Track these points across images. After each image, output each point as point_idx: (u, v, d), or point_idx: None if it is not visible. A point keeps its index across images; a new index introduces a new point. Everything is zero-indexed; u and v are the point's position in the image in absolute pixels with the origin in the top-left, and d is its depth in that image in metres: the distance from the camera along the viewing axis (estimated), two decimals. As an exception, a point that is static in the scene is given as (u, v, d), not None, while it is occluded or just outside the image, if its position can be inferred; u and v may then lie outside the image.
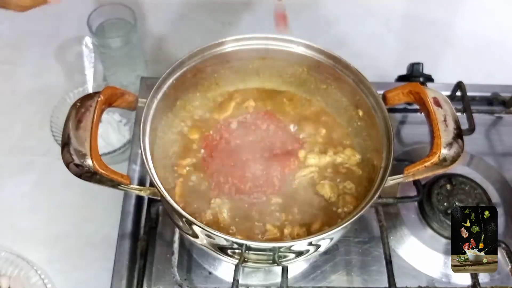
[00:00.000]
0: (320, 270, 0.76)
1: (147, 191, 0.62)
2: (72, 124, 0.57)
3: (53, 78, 1.06)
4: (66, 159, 0.55)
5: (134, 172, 0.83)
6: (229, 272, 0.71)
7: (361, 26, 1.20)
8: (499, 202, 0.84)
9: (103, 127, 0.93)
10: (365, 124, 0.71)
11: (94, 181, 0.56)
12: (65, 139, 0.56)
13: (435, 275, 0.76)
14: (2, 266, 0.79)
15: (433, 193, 0.79)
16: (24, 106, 1.02)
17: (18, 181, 0.92)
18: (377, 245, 0.78)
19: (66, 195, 0.89)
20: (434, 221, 0.78)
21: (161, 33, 1.15)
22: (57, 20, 1.16)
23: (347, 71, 0.70)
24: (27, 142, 0.97)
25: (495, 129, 0.95)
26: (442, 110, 0.61)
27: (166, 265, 0.75)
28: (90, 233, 0.85)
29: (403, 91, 0.66)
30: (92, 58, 0.98)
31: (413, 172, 0.60)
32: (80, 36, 1.03)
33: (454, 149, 0.58)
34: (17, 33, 1.14)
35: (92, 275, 0.80)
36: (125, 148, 0.91)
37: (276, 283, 0.73)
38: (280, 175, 0.70)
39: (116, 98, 0.62)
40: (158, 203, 0.78)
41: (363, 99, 0.69)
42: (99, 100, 0.59)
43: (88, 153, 0.55)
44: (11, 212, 0.88)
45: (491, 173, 0.87)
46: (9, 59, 1.09)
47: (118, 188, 0.59)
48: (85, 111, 0.57)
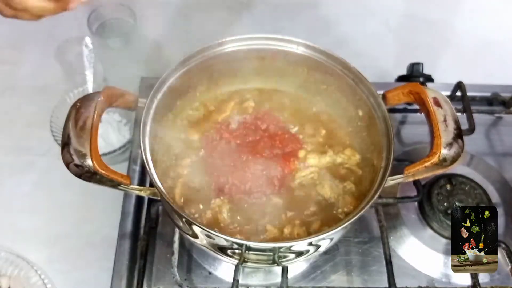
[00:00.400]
0: (320, 270, 0.76)
1: (147, 191, 0.62)
2: (72, 124, 0.57)
3: (53, 78, 1.06)
4: (66, 159, 0.55)
5: (134, 172, 0.83)
6: (229, 272, 0.71)
7: (361, 26, 1.19)
8: (499, 202, 0.84)
9: (103, 127, 0.93)
10: (365, 124, 0.71)
11: (94, 181, 0.56)
12: (65, 139, 0.56)
13: (435, 275, 0.76)
14: (2, 266, 0.79)
15: (433, 193, 0.79)
16: (24, 106, 1.02)
17: (18, 181, 0.92)
18: (377, 245, 0.78)
19: (66, 195, 0.89)
20: (434, 221, 0.78)
21: (161, 33, 1.15)
22: (57, 20, 1.15)
23: (347, 71, 0.71)
24: (27, 142, 0.97)
25: (495, 129, 0.95)
26: (442, 110, 0.61)
27: (166, 265, 0.75)
28: (90, 233, 0.85)
29: (403, 91, 0.66)
30: (92, 58, 0.98)
31: (413, 172, 0.60)
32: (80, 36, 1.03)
33: (454, 149, 0.58)
34: (17, 33, 1.14)
35: (92, 275, 0.80)
36: (125, 148, 0.91)
37: (276, 283, 0.73)
38: (280, 175, 0.70)
39: (116, 98, 0.62)
40: (158, 203, 0.78)
41: (363, 99, 0.70)
42: (99, 100, 0.58)
43: (88, 153, 0.55)
44: (11, 212, 0.88)
45: (491, 173, 0.87)
46: (9, 59, 1.09)
47: (118, 188, 0.59)
48: (85, 111, 0.57)
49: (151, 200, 0.79)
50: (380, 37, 1.18)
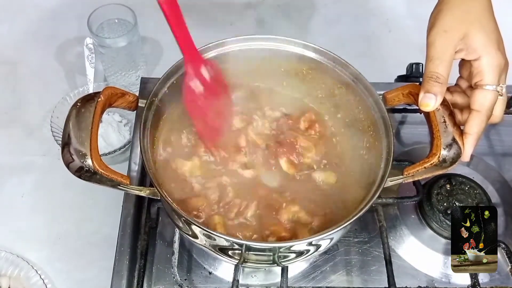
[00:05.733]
0: (320, 270, 0.76)
1: (147, 191, 0.62)
2: (72, 124, 0.57)
3: (53, 78, 1.06)
4: (66, 159, 0.55)
5: (134, 172, 0.83)
6: (229, 272, 0.71)
7: (361, 26, 1.20)
8: (499, 202, 0.84)
9: (103, 127, 0.93)
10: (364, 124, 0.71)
11: (94, 181, 0.56)
12: (65, 139, 0.56)
13: (435, 275, 0.76)
14: (2, 266, 0.79)
15: (432, 193, 0.79)
16: (24, 106, 1.02)
17: (18, 181, 0.92)
18: (377, 245, 0.78)
19: (66, 195, 0.89)
20: (434, 221, 0.78)
21: (161, 33, 1.15)
22: (57, 21, 1.16)
23: (346, 72, 0.71)
24: (27, 142, 0.97)
25: (495, 129, 0.95)
26: (441, 111, 0.61)
27: (166, 265, 0.75)
28: (90, 233, 0.85)
29: (403, 92, 0.66)
30: (92, 59, 0.98)
31: (413, 173, 0.60)
32: (80, 36, 1.03)
33: (453, 150, 0.59)
34: (17, 34, 1.14)
35: (92, 275, 0.81)
36: (125, 148, 0.91)
37: (276, 283, 0.73)
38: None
39: (117, 98, 0.63)
40: (158, 203, 0.78)
41: (362, 99, 0.70)
42: (99, 101, 0.59)
43: (88, 152, 0.55)
44: (11, 212, 0.88)
45: (491, 173, 0.87)
46: (10, 60, 1.09)
47: (118, 188, 0.59)
48: (85, 111, 0.57)
49: (151, 200, 0.79)
50: (380, 37, 1.18)
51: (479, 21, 0.62)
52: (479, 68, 0.61)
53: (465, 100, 0.66)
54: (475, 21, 0.62)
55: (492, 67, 0.61)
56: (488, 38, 0.61)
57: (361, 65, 0.70)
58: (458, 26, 0.61)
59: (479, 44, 0.61)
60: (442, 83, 0.60)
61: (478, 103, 0.61)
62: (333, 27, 1.19)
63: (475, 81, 0.62)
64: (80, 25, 1.00)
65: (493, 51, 0.61)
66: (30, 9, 1.18)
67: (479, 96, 0.61)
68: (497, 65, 0.61)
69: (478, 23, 0.61)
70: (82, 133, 0.56)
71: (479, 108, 0.61)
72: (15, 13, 1.18)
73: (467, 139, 0.60)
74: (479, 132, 0.61)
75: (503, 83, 0.62)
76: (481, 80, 0.61)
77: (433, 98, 0.60)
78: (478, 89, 0.61)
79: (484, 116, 0.61)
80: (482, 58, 0.61)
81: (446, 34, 0.61)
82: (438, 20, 0.62)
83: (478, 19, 0.62)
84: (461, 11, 0.62)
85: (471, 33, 0.61)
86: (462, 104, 0.66)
